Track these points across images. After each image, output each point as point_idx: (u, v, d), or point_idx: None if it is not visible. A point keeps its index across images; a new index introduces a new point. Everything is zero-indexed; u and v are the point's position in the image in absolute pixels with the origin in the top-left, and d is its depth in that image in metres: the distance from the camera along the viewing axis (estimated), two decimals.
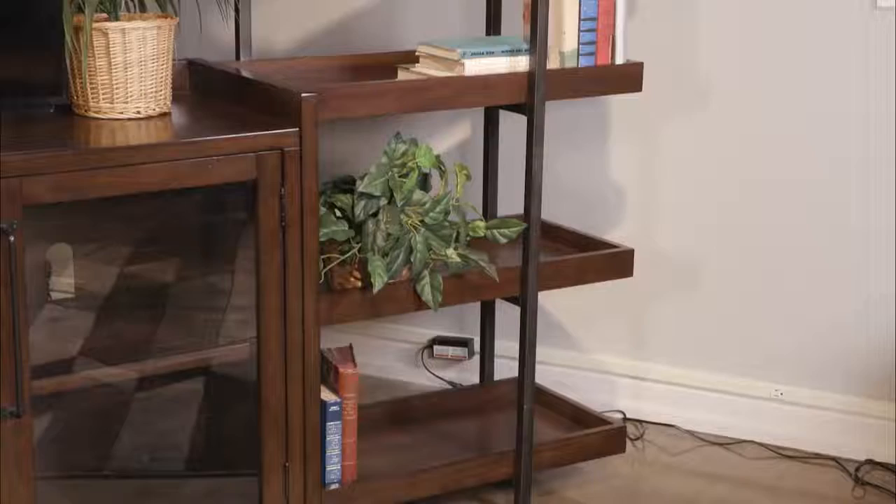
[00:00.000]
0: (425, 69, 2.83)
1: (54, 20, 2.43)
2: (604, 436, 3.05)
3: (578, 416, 3.13)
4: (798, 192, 3.21)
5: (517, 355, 2.93)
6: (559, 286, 2.96)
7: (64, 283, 2.62)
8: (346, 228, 2.70)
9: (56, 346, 2.60)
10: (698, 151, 3.26)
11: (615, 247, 3.04)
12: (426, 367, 3.53)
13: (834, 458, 3.22)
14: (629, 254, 3.02)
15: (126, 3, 2.56)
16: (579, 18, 2.84)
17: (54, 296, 2.65)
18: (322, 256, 2.64)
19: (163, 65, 2.55)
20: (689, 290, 3.34)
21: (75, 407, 2.62)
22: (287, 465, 2.57)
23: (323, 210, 2.66)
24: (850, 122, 3.14)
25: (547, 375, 3.32)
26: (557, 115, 3.16)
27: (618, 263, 3.01)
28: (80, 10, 2.43)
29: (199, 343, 2.73)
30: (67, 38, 2.43)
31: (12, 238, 2.24)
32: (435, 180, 2.83)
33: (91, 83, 2.50)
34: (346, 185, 2.77)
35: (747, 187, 3.25)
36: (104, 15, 2.52)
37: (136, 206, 2.50)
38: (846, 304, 3.21)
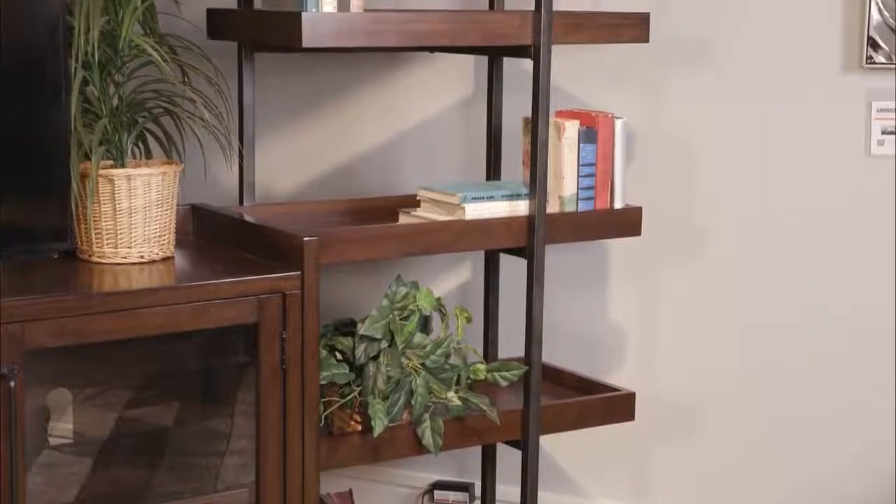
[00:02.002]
0: (426, 213, 2.86)
1: (61, 167, 2.47)
2: None
3: None
4: (797, 337, 3.22)
5: (519, 500, 2.90)
6: (561, 430, 2.95)
7: (63, 429, 2.61)
8: (347, 371, 2.70)
9: (54, 492, 2.58)
10: (698, 295, 3.28)
11: (616, 390, 3.03)
12: None
13: None
14: (630, 397, 3.01)
15: (132, 149, 2.59)
16: (578, 164, 2.88)
17: (53, 441, 2.64)
18: (322, 400, 2.64)
19: (167, 210, 2.57)
20: (689, 434, 3.32)
21: None
22: None
23: (324, 353, 2.67)
24: (848, 269, 3.16)
25: None
26: (557, 258, 3.18)
27: (619, 407, 3.00)
28: (87, 157, 2.47)
29: (198, 488, 2.70)
30: (74, 185, 2.46)
31: (12, 383, 2.23)
32: (436, 323, 2.84)
33: (95, 228, 2.52)
34: (347, 327, 2.78)
35: (747, 332, 3.25)
36: (110, 162, 2.56)
37: (136, 349, 2.50)
38: (846, 449, 3.19)
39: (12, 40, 2.42)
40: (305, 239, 2.52)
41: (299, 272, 2.50)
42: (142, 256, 2.55)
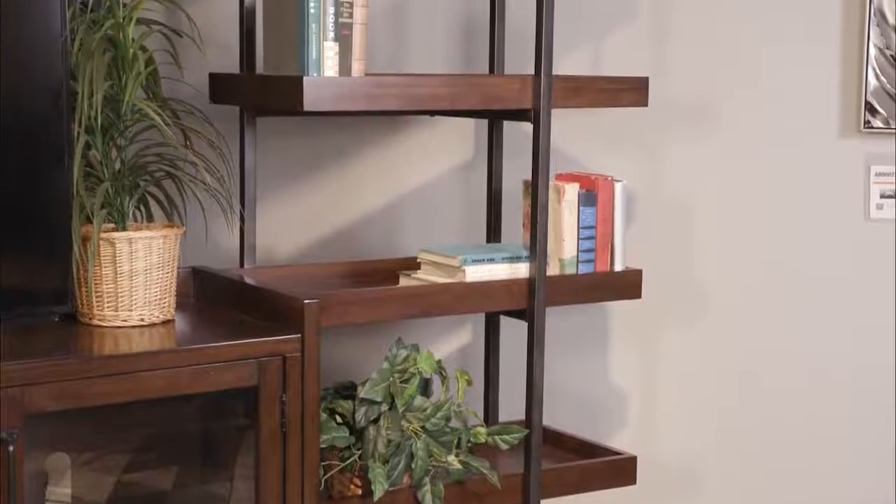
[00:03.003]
0: (426, 275, 2.86)
1: (62, 230, 2.48)
2: None
3: None
4: (797, 399, 3.21)
5: None
6: (562, 494, 2.93)
7: (61, 493, 2.59)
8: (347, 435, 2.69)
9: None
10: (698, 358, 3.27)
11: (618, 454, 3.02)
12: None
13: None
14: (632, 461, 3.00)
15: (134, 212, 2.60)
16: (578, 226, 2.89)
17: None
18: (322, 463, 2.63)
19: (168, 273, 2.58)
20: (691, 496, 3.30)
21: None
22: None
23: (324, 416, 2.66)
24: (848, 332, 3.16)
25: None
26: (558, 320, 3.18)
27: (620, 471, 2.98)
28: (89, 220, 2.48)
29: None
30: (75, 248, 2.46)
31: (11, 448, 2.23)
32: (436, 386, 2.84)
33: (96, 291, 2.53)
34: (347, 390, 2.77)
35: (747, 394, 3.25)
36: (111, 225, 2.57)
37: (135, 411, 2.50)
38: None
39: (16, 104, 2.44)
40: (306, 301, 2.52)
41: (300, 335, 2.50)
42: (142, 319, 2.55)
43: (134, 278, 2.53)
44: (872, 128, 3.08)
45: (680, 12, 3.23)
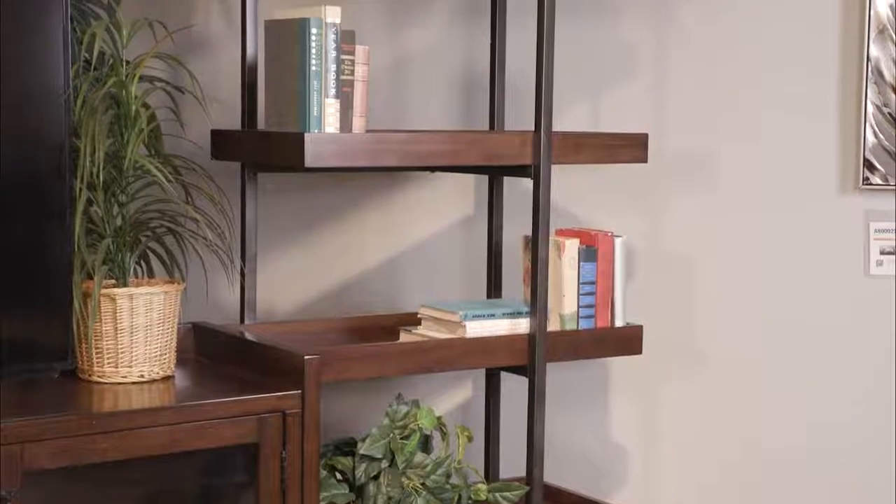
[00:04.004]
0: (427, 331, 2.86)
1: (63, 287, 2.48)
2: None
3: None
4: (798, 456, 3.20)
5: None
6: None
7: None
8: (347, 491, 2.68)
9: None
10: (699, 412, 3.26)
11: None
12: None
13: None
14: None
15: (134, 268, 2.61)
16: (578, 282, 2.89)
17: None
18: None
19: (168, 328, 2.58)
20: None
21: None
22: None
23: (324, 473, 2.65)
24: (848, 388, 3.16)
25: None
26: (558, 376, 3.17)
27: None
28: (90, 276, 2.48)
29: None
30: (76, 304, 2.47)
31: None
32: (437, 442, 2.83)
33: (96, 348, 2.53)
34: (348, 447, 2.76)
35: (748, 448, 3.24)
36: (112, 281, 2.57)
37: (135, 468, 2.49)
38: None
39: (18, 160, 2.45)
40: (306, 357, 2.52)
41: (300, 391, 2.50)
42: (142, 376, 2.55)
43: (134, 334, 2.53)
44: (871, 184, 3.09)
45: (679, 69, 3.25)
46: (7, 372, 2.46)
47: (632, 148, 2.91)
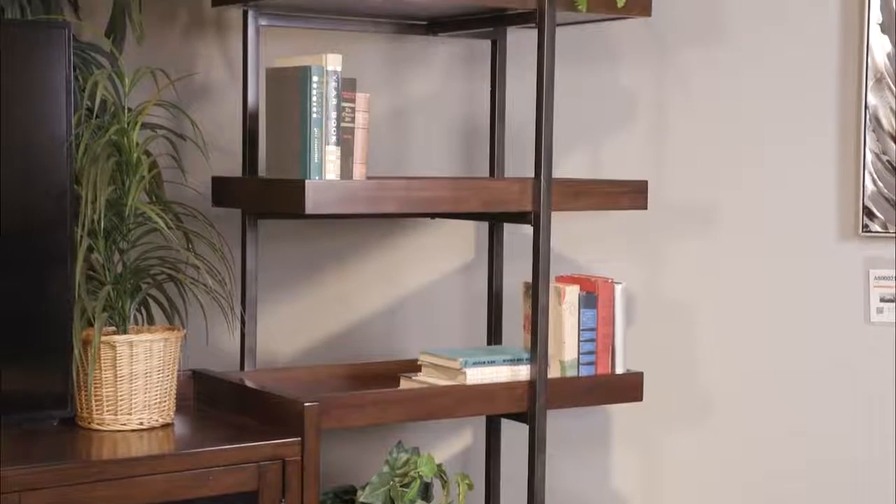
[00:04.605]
0: (427, 378, 2.86)
1: (63, 334, 2.48)
2: None
3: None
4: (800, 501, 3.18)
5: None
6: None
7: None
8: None
9: None
10: (700, 460, 3.25)
11: None
12: None
13: None
14: None
15: (135, 315, 2.61)
16: (579, 328, 2.89)
17: None
18: None
19: (168, 376, 2.58)
20: None
21: None
22: None
23: None
24: (848, 436, 3.15)
25: None
26: (559, 423, 3.17)
27: None
28: (90, 323, 2.48)
29: None
30: (76, 352, 2.46)
31: None
32: (437, 490, 2.81)
33: (96, 395, 2.52)
34: (348, 494, 2.75)
35: (750, 495, 3.22)
36: (112, 328, 2.57)
37: None
38: None
39: (20, 207, 2.46)
40: (306, 405, 2.51)
41: (300, 438, 2.49)
42: (141, 423, 2.55)
43: (134, 381, 2.53)
44: (871, 232, 3.10)
45: (679, 116, 3.26)
46: (6, 420, 2.45)
47: (632, 195, 2.91)
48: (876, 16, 3.10)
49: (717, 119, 3.25)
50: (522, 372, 2.85)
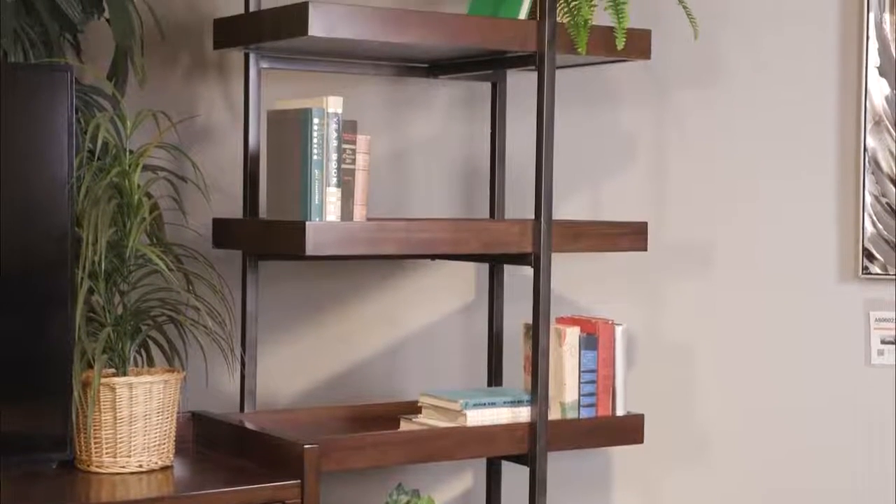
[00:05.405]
0: (427, 419, 2.85)
1: (63, 376, 2.48)
2: None
3: None
4: None
5: None
6: None
7: None
8: None
9: None
10: (701, 501, 3.24)
11: None
12: None
13: None
14: None
15: (135, 357, 2.61)
16: (579, 370, 2.88)
17: None
18: None
19: (167, 418, 2.57)
20: None
21: None
22: None
23: None
24: (849, 478, 3.14)
25: None
26: (559, 465, 3.16)
27: None
28: (90, 365, 2.48)
29: None
30: (76, 394, 2.46)
31: None
32: None
33: (95, 438, 2.51)
34: None
35: None
36: (112, 370, 2.57)
37: None
38: None
39: (21, 249, 2.46)
40: (306, 447, 2.51)
41: (299, 481, 2.49)
42: (140, 466, 2.54)
43: (133, 424, 2.52)
44: (871, 273, 3.10)
45: (678, 158, 3.27)
46: (5, 462, 2.45)
47: (631, 236, 2.92)
48: (874, 59, 3.11)
49: (716, 161, 3.26)
50: (523, 413, 2.84)
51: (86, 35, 2.86)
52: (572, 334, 2.88)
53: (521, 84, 3.14)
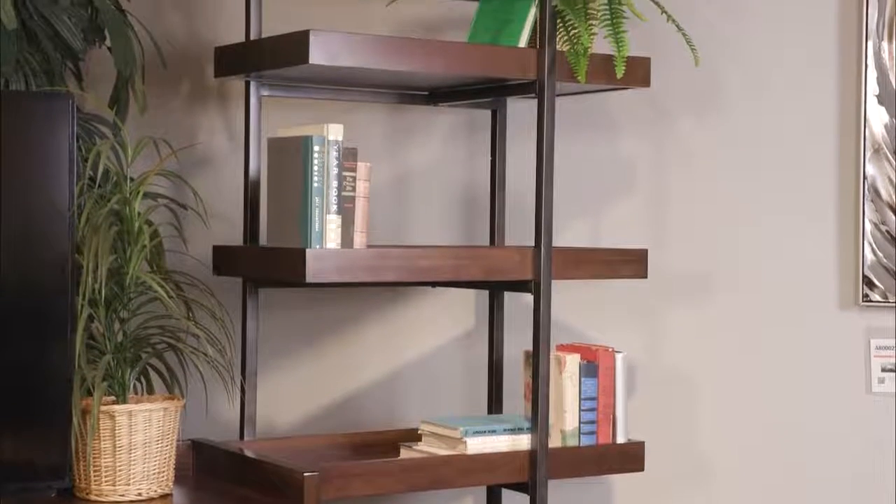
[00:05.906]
0: (427, 447, 2.84)
1: (62, 404, 2.47)
2: None
3: None
4: None
5: None
6: None
7: None
8: None
9: None
10: None
11: None
12: None
13: None
14: None
15: (134, 385, 2.60)
16: (580, 398, 2.88)
17: None
18: None
19: (167, 446, 2.56)
20: None
21: None
22: None
23: None
24: (848, 502, 3.13)
25: None
26: (560, 493, 3.15)
27: None
28: (89, 392, 2.48)
29: None
30: (75, 421, 2.46)
31: None
32: None
33: (94, 465, 2.51)
34: None
35: None
36: (111, 397, 2.56)
37: None
38: None
39: (21, 276, 2.46)
40: (306, 475, 2.50)
41: None
42: (140, 494, 2.53)
43: (133, 452, 2.52)
44: (871, 301, 3.10)
45: (678, 185, 3.28)
46: (4, 490, 2.44)
47: (631, 263, 2.92)
48: (873, 88, 3.12)
49: (716, 189, 3.26)
50: (523, 441, 2.84)
51: (87, 63, 2.87)
52: (572, 362, 2.88)
53: (521, 111, 3.15)
